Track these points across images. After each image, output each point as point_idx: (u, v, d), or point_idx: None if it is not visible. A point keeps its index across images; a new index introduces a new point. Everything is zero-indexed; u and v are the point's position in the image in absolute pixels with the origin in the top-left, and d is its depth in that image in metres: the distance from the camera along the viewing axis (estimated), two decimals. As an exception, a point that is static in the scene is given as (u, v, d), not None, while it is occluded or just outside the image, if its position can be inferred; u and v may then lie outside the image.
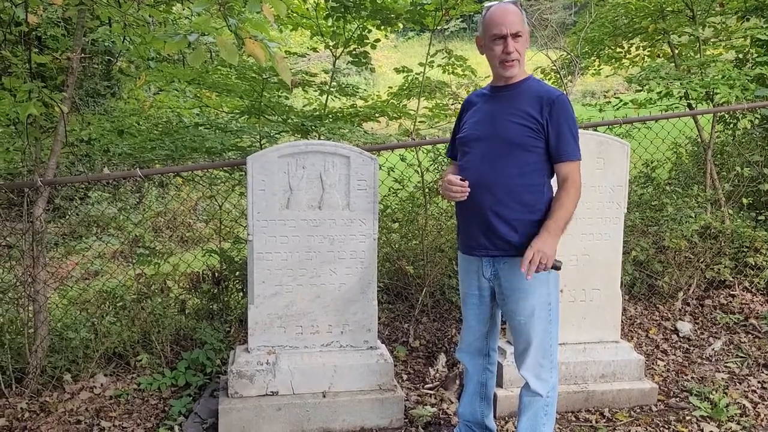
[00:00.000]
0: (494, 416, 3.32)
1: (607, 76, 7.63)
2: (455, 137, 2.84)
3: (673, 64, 6.06)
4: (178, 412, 3.35)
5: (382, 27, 4.93)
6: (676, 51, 6.14)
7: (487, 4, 2.65)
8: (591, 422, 3.32)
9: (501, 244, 2.60)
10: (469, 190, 2.58)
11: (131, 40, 4.71)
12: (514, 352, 2.78)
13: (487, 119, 2.65)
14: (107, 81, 8.92)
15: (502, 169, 2.57)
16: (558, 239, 2.51)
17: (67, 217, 7.16)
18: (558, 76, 6.62)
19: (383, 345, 3.44)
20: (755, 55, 5.70)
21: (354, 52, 4.90)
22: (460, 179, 2.61)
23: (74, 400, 3.46)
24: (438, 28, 5.00)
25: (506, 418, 3.33)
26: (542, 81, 2.75)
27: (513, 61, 2.58)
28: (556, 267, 2.52)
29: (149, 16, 4.14)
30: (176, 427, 3.20)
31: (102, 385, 3.64)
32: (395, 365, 3.92)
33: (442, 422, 3.31)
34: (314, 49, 5.42)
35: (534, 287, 2.60)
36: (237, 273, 4.37)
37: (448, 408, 3.45)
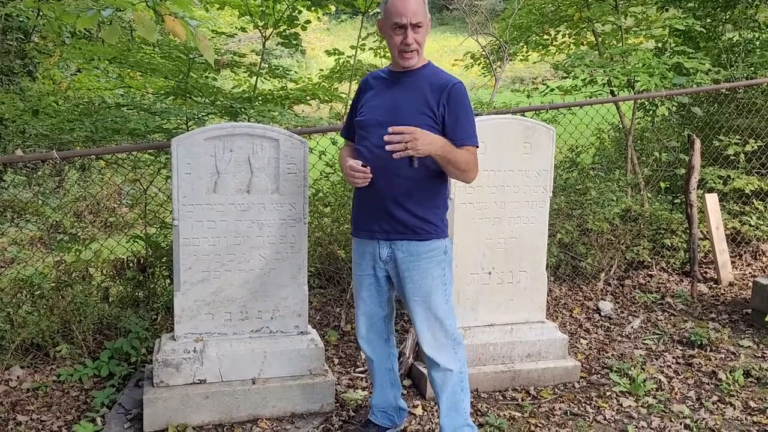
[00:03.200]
0: (424, 397, 3.39)
1: (535, 63, 7.81)
2: (353, 117, 2.82)
3: (597, 52, 6.24)
4: (100, 403, 3.24)
5: (313, 8, 4.87)
6: (600, 39, 6.34)
7: None
8: (517, 400, 3.41)
9: (401, 229, 2.64)
10: (371, 176, 2.57)
11: (44, 15, 4.47)
12: (416, 335, 2.80)
13: (388, 105, 2.64)
14: (22, 59, 8.44)
15: (403, 158, 2.54)
16: (438, 153, 2.46)
17: (-21, 201, 6.75)
18: (487, 61, 6.71)
19: (314, 330, 3.42)
20: (673, 45, 5.95)
21: (284, 33, 4.81)
22: (362, 165, 2.59)
23: (-12, 395, 3.29)
24: (370, 11, 4.97)
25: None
26: (439, 68, 2.76)
27: (412, 51, 2.58)
28: (412, 160, 2.47)
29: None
30: (98, 419, 3.09)
31: (18, 377, 3.47)
32: (327, 350, 3.91)
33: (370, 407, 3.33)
34: (243, 30, 5.29)
35: (430, 268, 2.67)
36: (164, 259, 4.24)
37: (379, 391, 3.47)
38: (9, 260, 5.22)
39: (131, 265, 4.23)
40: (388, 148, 2.39)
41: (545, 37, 6.90)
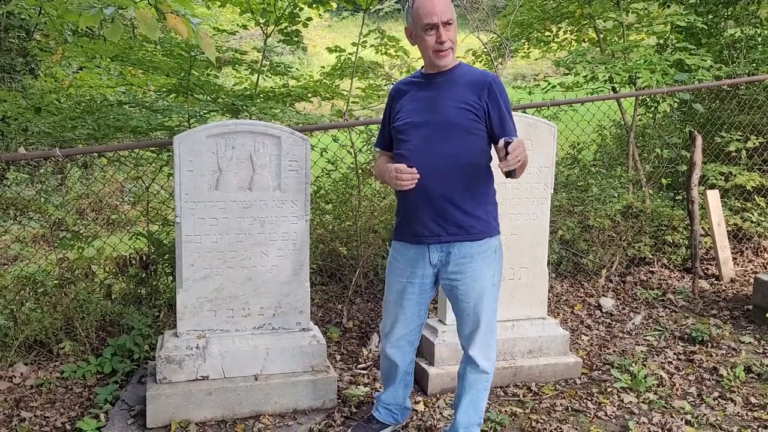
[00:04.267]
0: (426, 393, 3.42)
1: (537, 59, 7.81)
2: (387, 127, 2.78)
3: (598, 48, 6.24)
4: (104, 399, 3.25)
5: (314, 5, 4.86)
6: (601, 36, 6.33)
7: None
8: (519, 396, 3.42)
9: (453, 230, 2.60)
10: (418, 176, 2.53)
11: (46, 13, 4.47)
12: (460, 333, 2.77)
13: (427, 106, 2.62)
14: (24, 57, 8.45)
15: (450, 154, 2.55)
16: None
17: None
18: (489, 58, 6.71)
19: (316, 326, 3.44)
20: (675, 41, 5.95)
21: (285, 31, 4.81)
22: (410, 166, 2.54)
23: (-8, 391, 3.31)
24: (371, 8, 4.97)
25: (437, 395, 3.39)
26: (471, 66, 2.77)
27: (447, 50, 2.56)
28: (514, 174, 2.44)
29: (67, -13, 3.94)
30: (102, 416, 3.11)
31: (22, 374, 3.49)
32: (329, 346, 3.93)
33: (374, 401, 3.34)
34: (244, 27, 5.28)
35: (483, 269, 2.63)
36: (166, 256, 4.26)
37: (380, 387, 3.48)
38: (12, 258, 5.24)
39: (134, 262, 4.25)
40: (506, 169, 2.35)
41: (547, 33, 6.89)
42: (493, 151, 2.68)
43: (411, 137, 2.63)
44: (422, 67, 2.74)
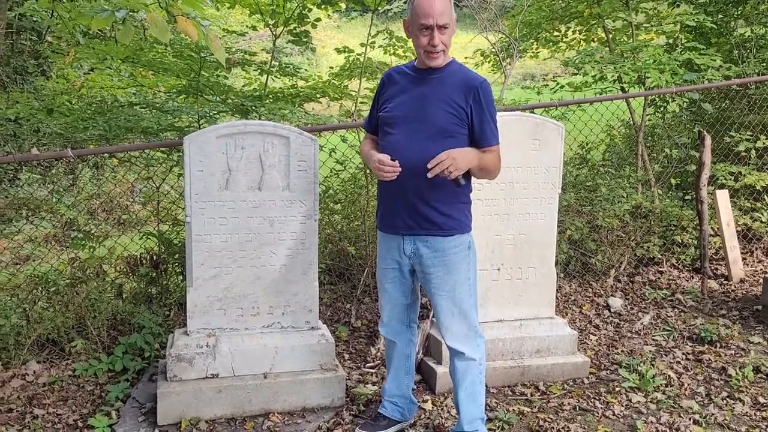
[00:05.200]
0: (434, 392, 3.43)
1: (545, 59, 7.80)
2: (375, 112, 2.85)
3: (607, 48, 6.23)
4: (115, 397, 3.29)
5: (323, 6, 4.89)
6: (610, 35, 6.32)
7: None
8: (526, 395, 3.43)
9: (426, 225, 2.68)
10: (400, 170, 2.59)
11: (58, 15, 4.52)
12: (439, 327, 2.84)
13: (415, 103, 2.67)
14: (35, 59, 8.53)
15: (430, 154, 2.57)
16: (472, 165, 2.60)
17: (-5, 199, 6.85)
18: (497, 58, 6.72)
19: (325, 325, 3.46)
20: (684, 41, 5.93)
21: (294, 31, 4.84)
22: (391, 159, 2.61)
23: (5, 389, 3.35)
24: (380, 9, 4.99)
25: (445, 394, 3.41)
26: (463, 65, 2.81)
27: (438, 53, 2.61)
28: (458, 182, 2.58)
29: (79, -10, 3.98)
30: (113, 413, 3.15)
31: (35, 372, 3.53)
32: (337, 345, 3.95)
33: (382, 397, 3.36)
34: (254, 28, 5.32)
35: (455, 263, 2.71)
36: (176, 256, 4.30)
37: (389, 386, 3.50)
38: (25, 257, 5.30)
39: (144, 261, 4.29)
40: (430, 175, 2.47)
41: (555, 33, 6.89)
42: None
43: (395, 131, 2.69)
44: (416, 59, 2.79)
